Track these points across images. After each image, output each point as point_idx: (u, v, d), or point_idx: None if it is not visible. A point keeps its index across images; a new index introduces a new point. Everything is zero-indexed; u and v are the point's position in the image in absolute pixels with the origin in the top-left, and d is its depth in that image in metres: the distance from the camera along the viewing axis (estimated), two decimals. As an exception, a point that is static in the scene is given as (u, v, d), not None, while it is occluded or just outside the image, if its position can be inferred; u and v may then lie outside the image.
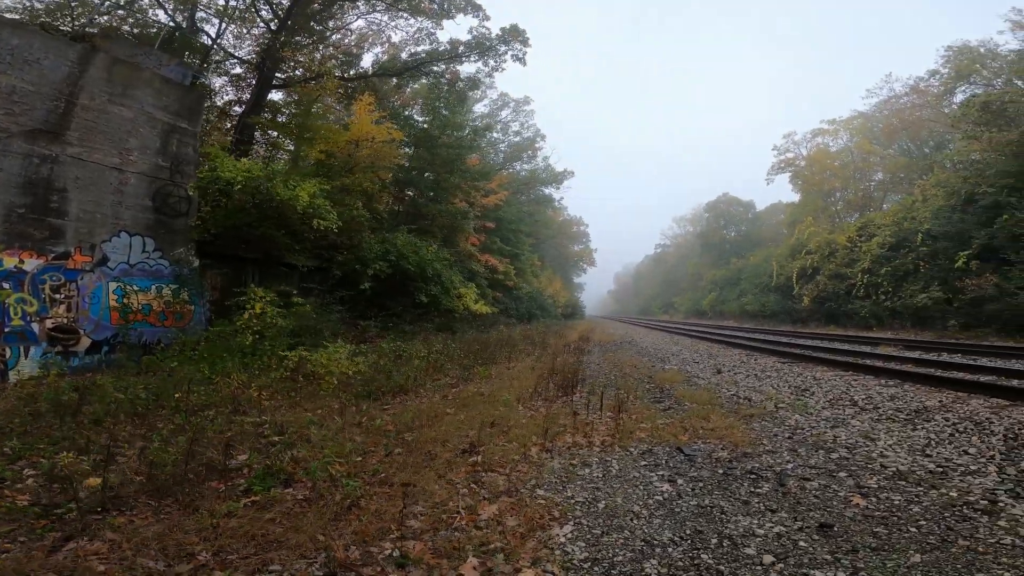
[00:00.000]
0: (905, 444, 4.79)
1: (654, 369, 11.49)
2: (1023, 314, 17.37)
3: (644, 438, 5.34)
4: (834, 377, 9.04)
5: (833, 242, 28.97)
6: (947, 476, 3.92)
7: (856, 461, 4.39)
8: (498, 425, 5.65)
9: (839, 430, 5.48)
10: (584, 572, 2.70)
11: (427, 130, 23.54)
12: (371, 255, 14.90)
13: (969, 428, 5.21)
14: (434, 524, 3.24)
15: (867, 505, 3.45)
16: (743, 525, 3.20)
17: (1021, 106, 22.24)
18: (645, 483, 3.96)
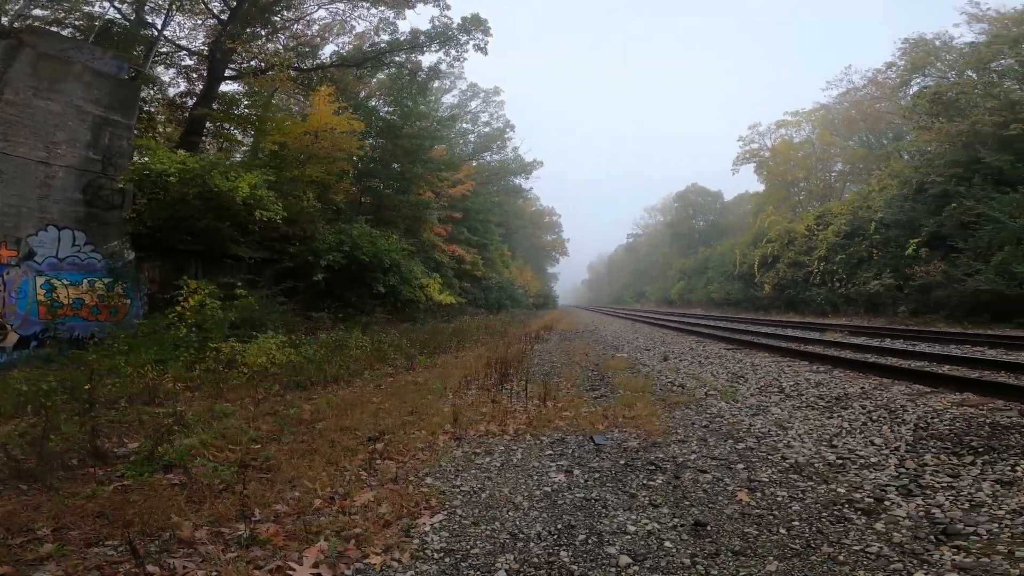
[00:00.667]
0: (815, 434, 4.76)
1: (604, 357, 11.57)
2: (969, 300, 17.95)
3: (562, 427, 5.35)
4: (772, 363, 9.20)
5: (792, 231, 29.57)
6: (844, 469, 3.86)
7: (760, 452, 4.36)
8: (417, 413, 5.63)
9: (757, 418, 5.52)
10: (433, 562, 2.68)
11: (390, 121, 23.22)
12: (324, 246, 14.67)
13: (883, 416, 5.17)
14: (302, 509, 3.23)
15: (750, 502, 3.40)
16: (618, 521, 3.16)
17: (971, 97, 22.86)
18: (541, 473, 3.96)
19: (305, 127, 18.38)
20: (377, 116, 22.88)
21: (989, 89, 22.40)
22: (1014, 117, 20.71)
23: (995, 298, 16.99)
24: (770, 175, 40.55)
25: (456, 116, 36.71)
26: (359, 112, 21.46)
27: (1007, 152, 20.14)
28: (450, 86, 41.41)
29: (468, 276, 30.61)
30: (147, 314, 10.71)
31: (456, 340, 13.18)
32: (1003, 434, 4.15)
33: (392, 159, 23.25)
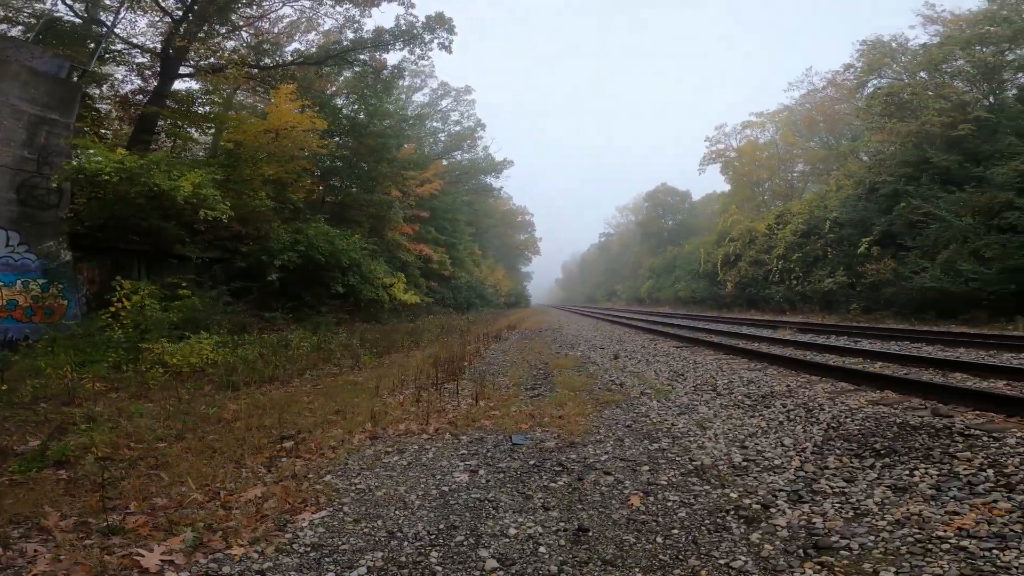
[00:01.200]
0: (731, 434, 4.75)
1: (557, 355, 11.66)
2: (917, 297, 18.53)
3: (487, 426, 5.38)
4: (714, 361, 9.33)
5: (753, 230, 30.17)
6: (745, 472, 3.80)
7: (671, 453, 4.36)
8: (343, 412, 5.61)
9: (682, 417, 5.53)
10: (296, 556, 2.69)
11: (354, 119, 23.01)
12: (279, 246, 14.47)
13: (800, 416, 5.13)
14: (183, 503, 3.22)
15: (640, 507, 3.34)
16: (503, 523, 3.15)
17: (921, 98, 23.60)
18: (446, 473, 3.98)
19: (265, 125, 18.14)
20: (341, 115, 22.67)
21: (939, 90, 23.15)
22: (962, 118, 21.46)
23: (941, 295, 17.57)
24: (735, 175, 41.26)
25: (423, 115, 36.53)
26: (324, 110, 21.28)
27: (955, 152, 20.86)
28: (421, 84, 41.28)
29: (436, 275, 30.53)
30: (86, 315, 10.43)
31: (412, 339, 13.15)
32: (910, 435, 4.09)
33: (357, 158, 23.08)
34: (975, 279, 16.48)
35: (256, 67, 19.70)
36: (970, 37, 23.16)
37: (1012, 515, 2.71)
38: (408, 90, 40.81)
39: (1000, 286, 15.93)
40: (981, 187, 18.54)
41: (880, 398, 5.54)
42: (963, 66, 23.61)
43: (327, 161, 22.59)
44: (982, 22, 23.04)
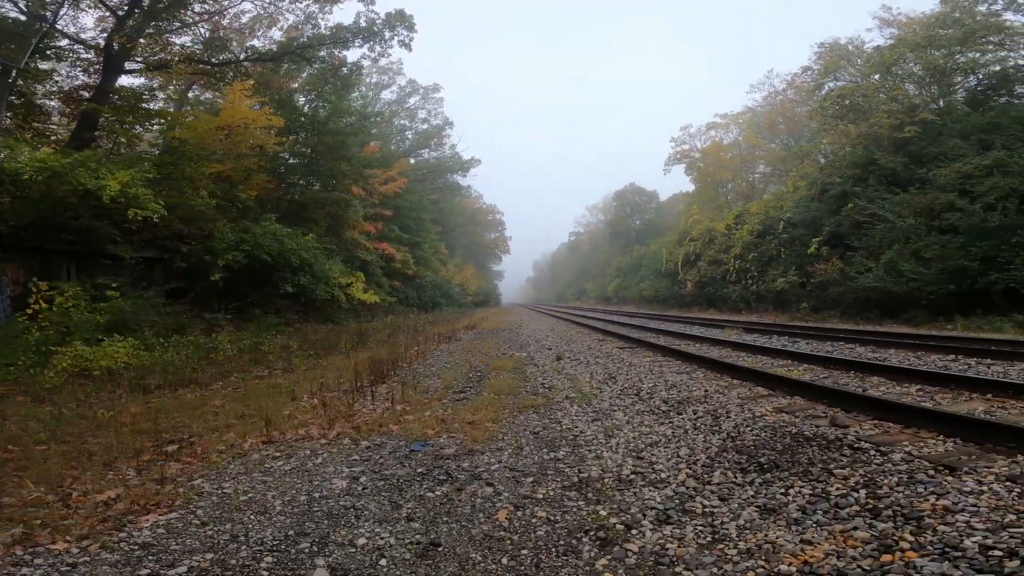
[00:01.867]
0: (634, 443, 4.68)
1: (501, 356, 11.65)
2: (861, 297, 19.03)
3: (393, 431, 5.35)
4: (650, 363, 9.37)
5: (713, 230, 30.69)
6: (627, 487, 3.68)
7: (564, 463, 4.29)
8: (247, 416, 5.53)
9: (594, 424, 5.47)
10: (120, 553, 2.69)
11: (314, 117, 22.66)
12: (222, 245, 14.17)
13: (706, 424, 5.02)
14: (27, 503, 3.17)
15: (503, 522, 3.24)
16: (357, 533, 3.10)
17: (872, 100, 24.27)
18: (325, 479, 3.95)
19: (218, 122, 17.81)
20: (300, 112, 22.31)
21: (890, 92, 23.83)
22: (910, 120, 22.12)
23: (883, 295, 18.06)
24: (700, 176, 41.86)
25: (391, 113, 36.17)
26: (283, 108, 20.98)
27: (901, 154, 21.48)
28: (388, 82, 40.97)
29: (399, 275, 30.32)
30: (10, 317, 10.06)
31: (359, 340, 12.99)
32: (800, 447, 3.96)
33: (316, 156, 22.77)
34: (915, 279, 16.96)
35: (208, 64, 19.26)
36: (921, 39, 23.83)
37: (866, 547, 2.56)
38: (375, 87, 40.45)
39: (939, 286, 16.39)
40: (925, 189, 19.12)
41: (787, 404, 5.50)
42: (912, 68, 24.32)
43: (285, 159, 22.22)
44: (934, 24, 23.70)
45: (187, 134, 16.73)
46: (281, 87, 22.61)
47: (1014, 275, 14.70)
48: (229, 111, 17.97)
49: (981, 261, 15.73)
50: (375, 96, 40.09)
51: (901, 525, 2.69)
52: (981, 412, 4.65)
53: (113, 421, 5.25)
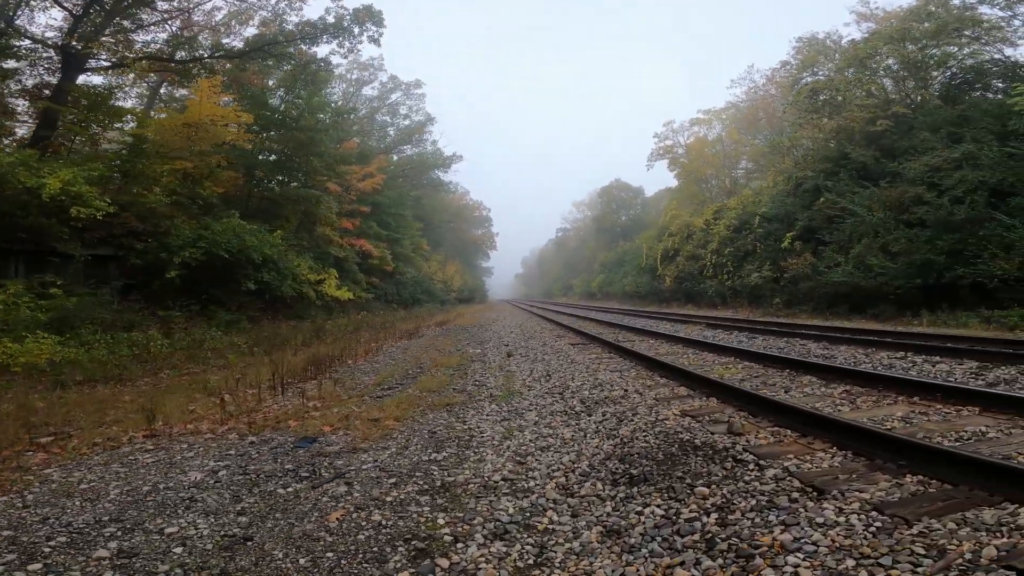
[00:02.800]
0: (528, 446, 4.51)
1: (452, 353, 11.57)
2: (830, 292, 18.96)
3: (292, 427, 5.29)
4: (593, 360, 9.21)
5: (691, 225, 30.63)
6: (489, 493, 3.52)
7: (440, 465, 4.15)
8: (146, 411, 5.46)
9: (500, 424, 5.32)
10: None
11: (286, 113, 22.45)
12: (178, 242, 14.02)
13: (608, 427, 4.83)
14: None
15: (333, 523, 3.15)
16: (175, 523, 3.08)
17: (847, 95, 24.24)
18: (183, 471, 3.99)
19: (183, 119, 17.72)
20: (271, 108, 22.09)
21: (864, 86, 23.80)
22: (882, 114, 22.10)
23: (852, 290, 18.01)
24: (683, 172, 41.80)
25: (362, 109, 35.92)
26: (255, 104, 20.88)
27: (873, 148, 21.46)
28: (370, 78, 40.78)
29: (377, 271, 30.17)
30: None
31: (314, 337, 12.89)
32: (683, 457, 3.74)
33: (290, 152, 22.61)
34: (883, 274, 16.89)
35: (172, 61, 19.04)
36: (895, 33, 23.77)
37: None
38: (356, 83, 40.23)
39: (906, 281, 16.29)
40: (895, 182, 19.07)
41: (698, 407, 5.27)
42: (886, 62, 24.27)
43: (255, 155, 22.01)
44: (909, 18, 23.65)
45: (148, 132, 16.58)
46: (252, 83, 22.39)
47: (980, 269, 14.58)
48: (195, 108, 17.90)
49: (948, 255, 15.64)
50: (356, 92, 39.86)
51: (727, 565, 2.44)
52: (897, 418, 4.39)
53: (12, 415, 5.18)
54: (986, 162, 16.15)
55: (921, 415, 4.46)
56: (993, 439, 3.72)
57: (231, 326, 14.49)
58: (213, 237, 14.55)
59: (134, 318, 12.51)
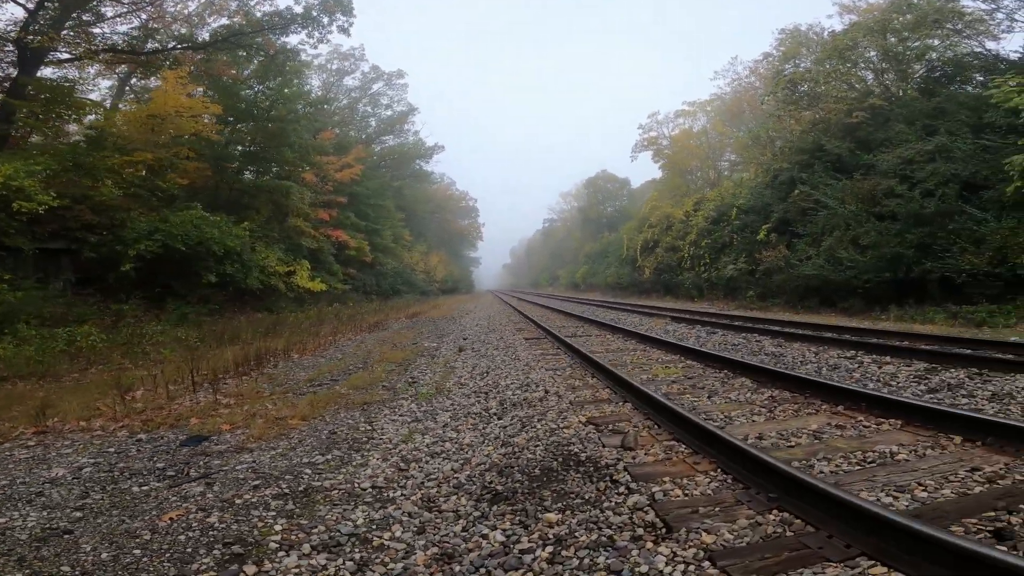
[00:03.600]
0: (421, 451, 4.32)
1: (405, 347, 11.42)
2: (803, 285, 18.85)
3: (192, 424, 5.25)
4: (535, 357, 8.94)
5: (671, 216, 30.46)
6: (347, 502, 3.40)
7: (315, 468, 4.01)
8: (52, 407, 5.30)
9: (407, 426, 5.14)
10: None
11: (256, 104, 22.05)
12: (133, 235, 13.75)
13: (510, 434, 4.58)
14: None
15: (162, 522, 3.05)
16: (4, 516, 3.09)
17: (826, 86, 24.05)
18: (49, 467, 3.93)
19: (148, 111, 17.49)
20: (242, 99, 21.68)
21: (842, 78, 23.61)
22: (858, 106, 21.94)
23: (822, 283, 17.91)
24: (668, 163, 41.56)
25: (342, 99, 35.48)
26: (228, 95, 20.59)
27: (849, 140, 21.30)
28: (351, 68, 40.31)
29: (355, 262, 29.91)
30: None
31: (270, 329, 12.71)
32: (557, 475, 3.51)
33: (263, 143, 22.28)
34: (852, 267, 16.78)
35: (136, 54, 18.64)
36: (874, 24, 23.52)
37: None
38: (337, 73, 39.74)
39: (875, 274, 16.16)
40: (869, 175, 18.92)
41: (608, 414, 4.98)
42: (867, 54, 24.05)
43: (225, 147, 21.65)
44: (890, 10, 23.42)
45: (109, 125, 16.32)
46: (224, 75, 21.95)
47: (949, 263, 14.41)
48: (161, 100, 17.65)
49: (917, 248, 15.48)
50: (337, 82, 39.38)
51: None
52: (809, 432, 4.05)
53: None
54: (959, 155, 15.99)
55: (836, 429, 4.11)
56: (899, 463, 3.36)
57: (188, 319, 14.28)
58: (169, 230, 14.28)
59: (87, 311, 12.29)
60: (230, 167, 21.02)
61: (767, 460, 3.07)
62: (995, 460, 3.26)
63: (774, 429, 4.22)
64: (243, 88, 22.04)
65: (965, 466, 3.20)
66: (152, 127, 17.14)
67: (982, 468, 3.14)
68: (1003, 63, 19.54)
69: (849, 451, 3.60)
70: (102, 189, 13.31)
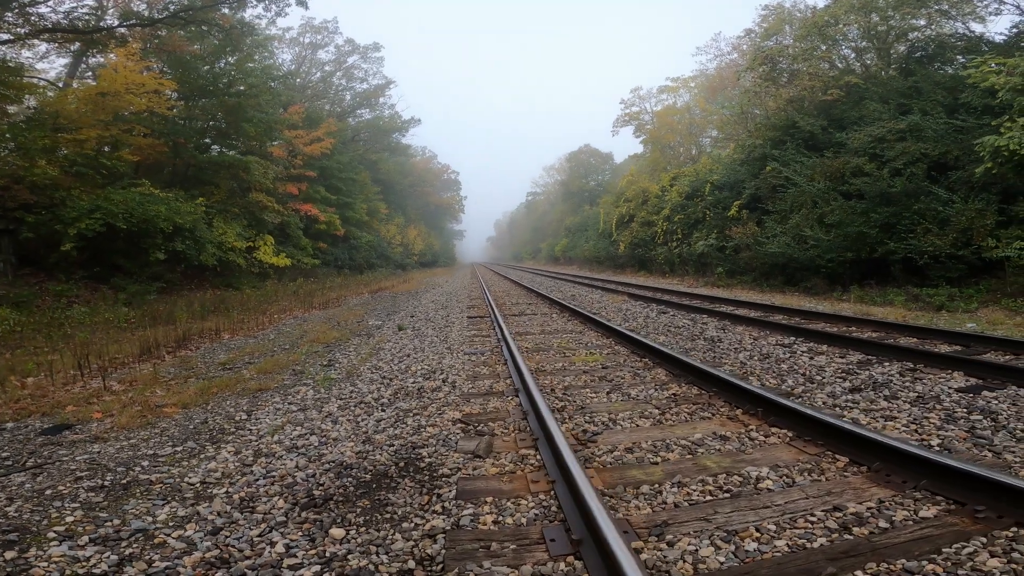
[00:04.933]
0: (281, 445, 4.09)
1: (347, 326, 11.20)
2: (769, 263, 18.67)
3: (66, 412, 5.13)
4: (467, 340, 8.72)
5: (647, 190, 30.07)
6: (164, 496, 3.23)
7: (158, 462, 3.84)
8: None
9: (288, 415, 4.87)
10: None
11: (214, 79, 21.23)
12: (73, 214, 13.30)
13: (379, 428, 4.42)
14: None
15: (11, 512, 2.98)
16: None
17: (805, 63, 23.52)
18: None
19: (97, 89, 16.99)
20: (199, 74, 20.86)
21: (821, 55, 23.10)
22: (834, 83, 21.52)
23: (787, 261, 17.74)
24: (650, 138, 40.98)
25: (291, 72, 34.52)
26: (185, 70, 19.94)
27: (823, 117, 20.95)
28: (324, 41, 39.20)
29: (326, 236, 29.45)
30: None
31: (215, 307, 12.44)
32: (390, 482, 3.30)
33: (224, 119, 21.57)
34: (816, 246, 16.59)
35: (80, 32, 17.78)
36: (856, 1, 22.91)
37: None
38: (311, 47, 38.64)
39: (837, 254, 15.98)
40: (841, 153, 18.60)
41: (488, 411, 4.74)
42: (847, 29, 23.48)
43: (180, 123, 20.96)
44: (873, -13, 22.77)
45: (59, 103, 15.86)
46: (181, 50, 21.07)
47: (912, 244, 14.22)
48: (110, 77, 17.12)
49: (881, 228, 15.28)
50: (311, 55, 38.28)
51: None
52: (687, 444, 3.72)
53: None
54: (930, 134, 15.70)
55: (718, 441, 3.76)
56: (759, 494, 2.93)
57: (136, 298, 13.92)
58: (110, 208, 13.80)
59: (25, 293, 11.92)
60: (186, 144, 20.35)
61: (584, 494, 2.61)
62: (870, 495, 2.83)
63: (652, 438, 3.85)
64: (202, 64, 21.25)
65: (829, 502, 2.76)
66: (101, 105, 16.56)
67: (846, 507, 2.69)
68: (986, 45, 19.07)
69: (715, 473, 3.22)
70: (34, 169, 12.84)
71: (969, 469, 2.73)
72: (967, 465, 2.78)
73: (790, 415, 3.97)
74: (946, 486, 2.79)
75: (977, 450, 3.39)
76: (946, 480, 2.81)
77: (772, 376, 5.56)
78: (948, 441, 3.55)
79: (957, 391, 4.58)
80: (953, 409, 4.14)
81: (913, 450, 3.03)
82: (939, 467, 2.85)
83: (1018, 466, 3.14)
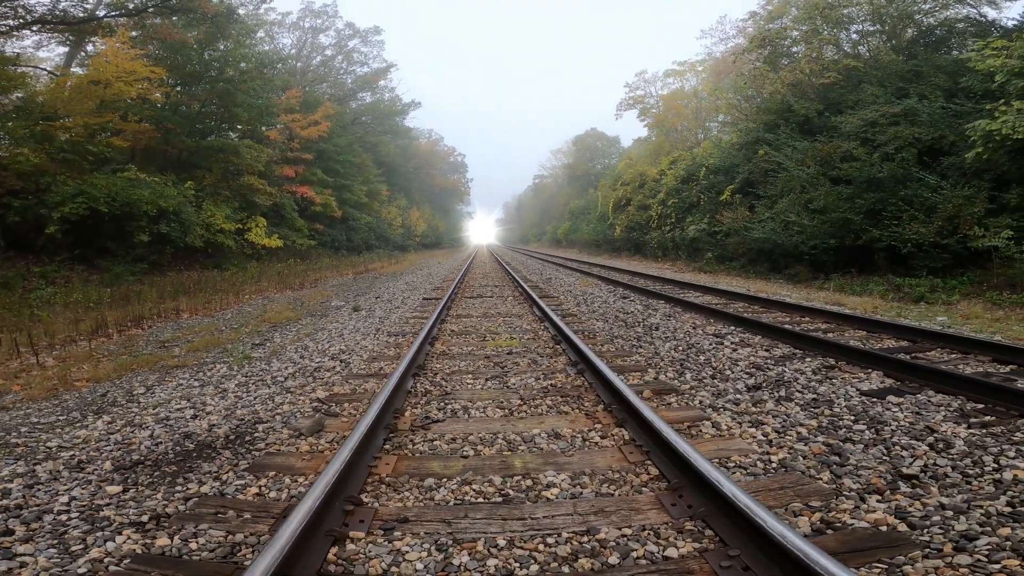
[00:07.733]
0: (166, 420, 4.17)
1: (305, 307, 11.39)
2: (755, 249, 18.38)
3: None
4: (413, 323, 8.63)
5: (644, 174, 29.73)
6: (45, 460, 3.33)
7: (53, 434, 3.96)
8: None
9: (189, 390, 5.06)
10: None
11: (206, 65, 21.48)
12: (56, 199, 13.75)
13: (254, 405, 4.45)
14: None
15: None
16: None
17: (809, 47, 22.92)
18: None
19: (87, 78, 17.43)
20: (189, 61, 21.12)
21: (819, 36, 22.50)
22: (833, 66, 20.98)
23: (773, 248, 17.45)
24: (655, 123, 40.35)
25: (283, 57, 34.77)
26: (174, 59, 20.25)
27: (819, 101, 20.47)
28: (324, 25, 39.37)
29: (323, 218, 29.81)
30: None
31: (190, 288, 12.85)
32: (189, 460, 3.33)
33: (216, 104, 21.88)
34: (800, 232, 16.26)
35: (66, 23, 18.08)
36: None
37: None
38: (311, 31, 38.84)
39: (821, 240, 15.67)
40: (834, 137, 18.14)
41: (359, 391, 4.74)
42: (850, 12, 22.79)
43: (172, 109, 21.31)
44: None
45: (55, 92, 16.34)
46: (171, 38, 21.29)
47: (896, 232, 13.81)
48: (101, 65, 17.56)
49: (866, 215, 14.89)
50: (311, 40, 38.51)
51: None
52: (516, 437, 3.58)
53: None
54: (925, 119, 15.21)
55: (553, 438, 3.56)
56: (538, 502, 2.71)
57: (121, 279, 14.39)
58: (93, 192, 14.22)
59: (12, 275, 12.41)
60: (178, 129, 20.69)
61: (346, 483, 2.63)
62: (641, 519, 2.49)
63: (489, 430, 3.72)
64: (192, 51, 21.51)
65: (591, 522, 2.46)
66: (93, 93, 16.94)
67: (599, 530, 2.38)
68: (997, 30, 18.32)
69: (513, 474, 3.00)
70: (18, 156, 13.31)
71: (744, 505, 2.22)
72: (748, 499, 2.24)
73: (637, 417, 3.58)
74: (727, 522, 2.33)
75: (816, 471, 2.91)
76: (729, 515, 2.33)
77: (675, 369, 5.24)
78: (797, 456, 3.09)
79: (862, 394, 4.19)
80: (840, 416, 3.72)
81: (707, 472, 2.56)
82: (723, 498, 2.36)
83: (843, 498, 2.60)
